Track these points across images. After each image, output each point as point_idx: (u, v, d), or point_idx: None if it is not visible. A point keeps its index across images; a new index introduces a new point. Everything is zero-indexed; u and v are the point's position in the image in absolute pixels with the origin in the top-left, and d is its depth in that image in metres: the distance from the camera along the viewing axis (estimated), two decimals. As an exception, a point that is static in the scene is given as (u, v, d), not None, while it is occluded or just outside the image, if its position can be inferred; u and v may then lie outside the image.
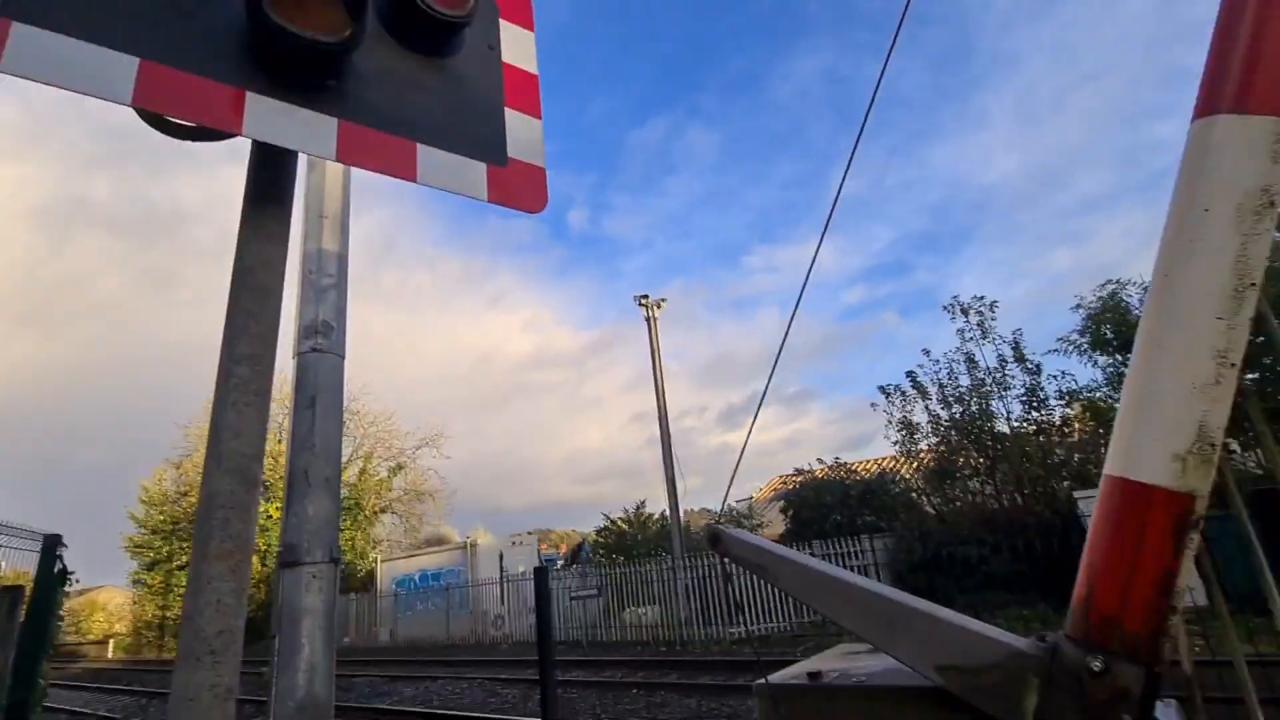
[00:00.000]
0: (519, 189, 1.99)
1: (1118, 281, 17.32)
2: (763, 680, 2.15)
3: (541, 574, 5.06)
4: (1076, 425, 18.65)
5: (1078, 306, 17.86)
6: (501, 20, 2.21)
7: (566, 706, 10.43)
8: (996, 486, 18.34)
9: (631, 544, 24.14)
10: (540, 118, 2.18)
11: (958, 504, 18.83)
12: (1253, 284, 1.40)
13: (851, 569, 17.56)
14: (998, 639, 1.53)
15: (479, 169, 1.90)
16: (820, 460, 23.00)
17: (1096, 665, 1.34)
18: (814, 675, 2.13)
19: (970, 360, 19.63)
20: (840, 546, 18.17)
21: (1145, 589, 1.34)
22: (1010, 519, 16.67)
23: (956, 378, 19.80)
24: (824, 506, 20.28)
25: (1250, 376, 14.15)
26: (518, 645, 21.43)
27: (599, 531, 26.64)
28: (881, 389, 20.74)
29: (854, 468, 23.17)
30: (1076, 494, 15.84)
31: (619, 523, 25.45)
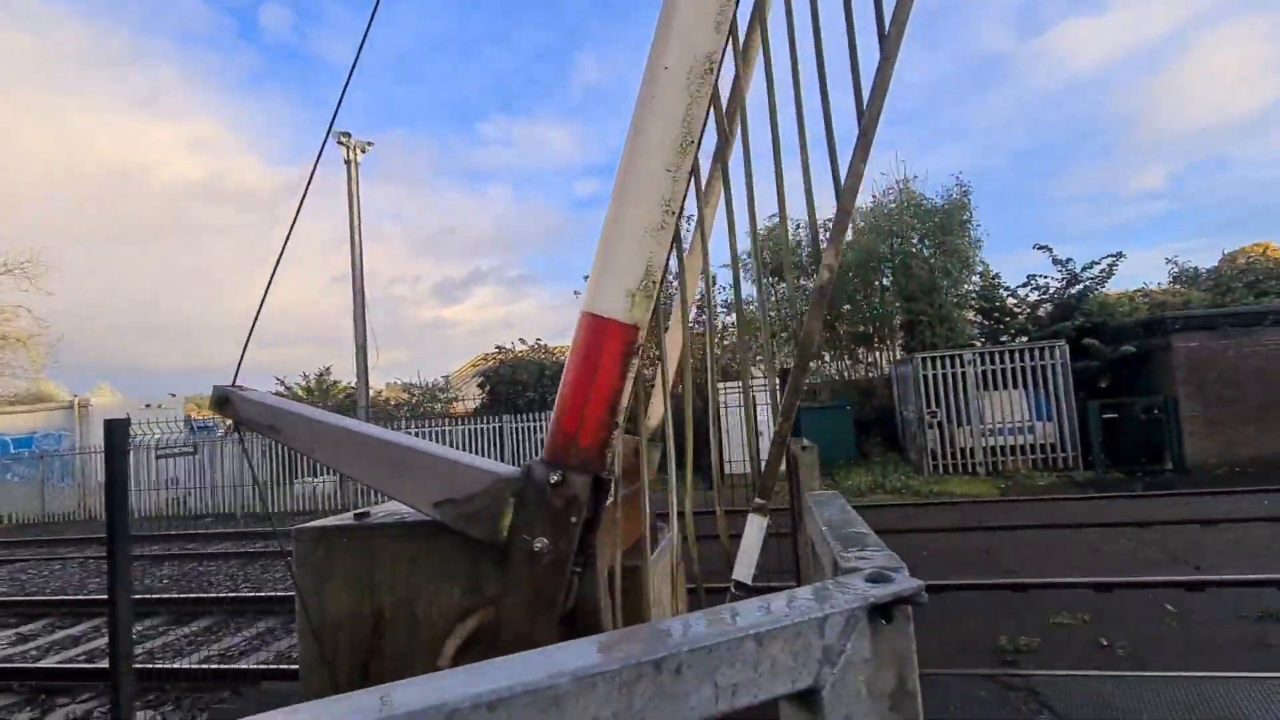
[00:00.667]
0: None
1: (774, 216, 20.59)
2: (305, 525, 2.01)
3: (117, 426, 4.11)
4: (735, 332, 22.41)
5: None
6: None
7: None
8: (665, 377, 21.15)
9: (310, 412, 22.14)
10: None
11: (634, 389, 21.27)
12: (693, 141, 1.62)
13: (537, 441, 18.89)
14: (484, 469, 1.61)
15: None
16: (523, 340, 23.70)
17: (555, 478, 1.49)
18: (361, 515, 2.05)
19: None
20: (530, 420, 19.31)
21: (598, 409, 1.52)
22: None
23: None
24: (519, 384, 21.11)
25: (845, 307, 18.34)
26: (151, 520, 18.51)
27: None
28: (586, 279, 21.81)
29: (554, 351, 24.43)
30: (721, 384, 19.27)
31: (298, 389, 23.03)
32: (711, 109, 1.69)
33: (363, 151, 19.07)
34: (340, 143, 18.79)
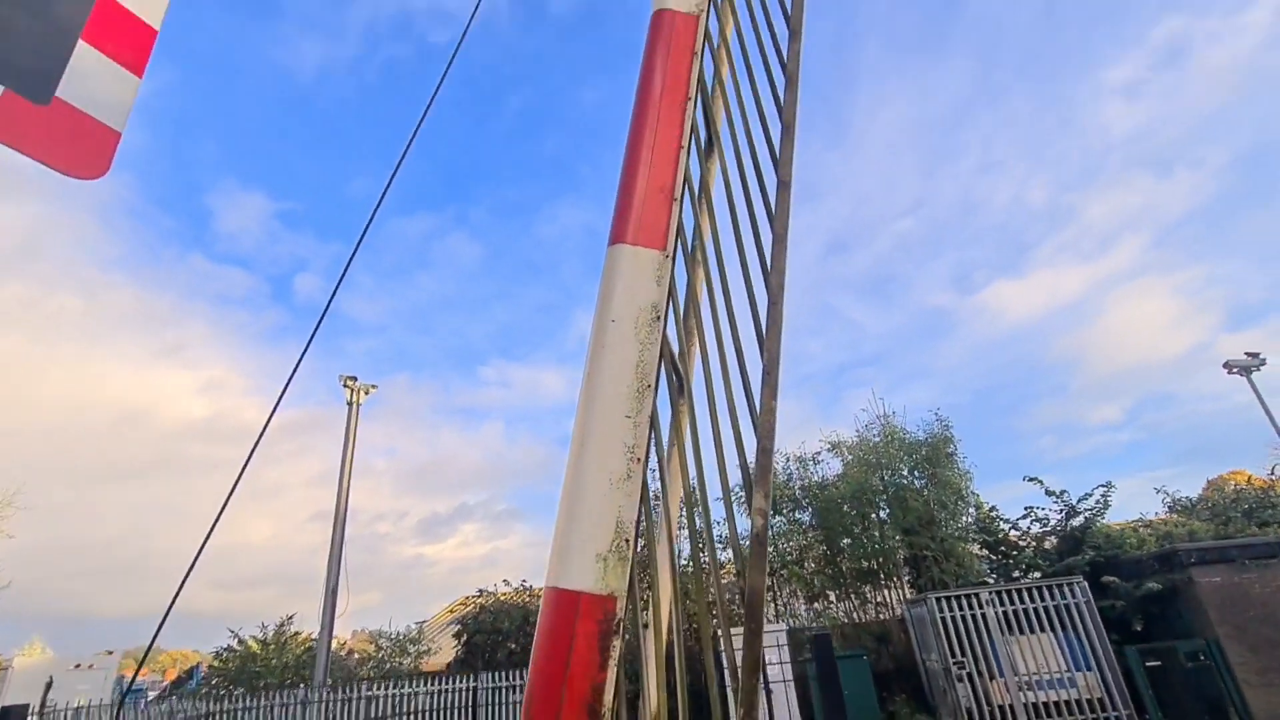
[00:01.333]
0: (58, 139, 1.44)
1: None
2: None
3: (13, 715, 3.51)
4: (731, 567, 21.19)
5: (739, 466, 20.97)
6: None
7: None
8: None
9: (262, 670, 19.57)
10: (141, 76, 1.70)
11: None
12: (649, 385, 1.66)
13: (514, 704, 16.46)
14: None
15: None
16: (507, 582, 22.10)
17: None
18: None
19: (657, 498, 21.33)
20: (510, 679, 17.11)
21: (574, 703, 1.27)
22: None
23: (643, 515, 21.20)
24: (499, 633, 19.17)
25: (845, 542, 17.74)
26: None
27: (219, 653, 21.16)
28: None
29: (538, 593, 22.70)
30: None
31: (251, 642, 20.61)
32: (662, 358, 1.77)
33: (366, 394, 19.81)
34: (346, 385, 19.60)
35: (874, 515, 17.90)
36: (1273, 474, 18.86)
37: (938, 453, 17.67)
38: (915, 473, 17.77)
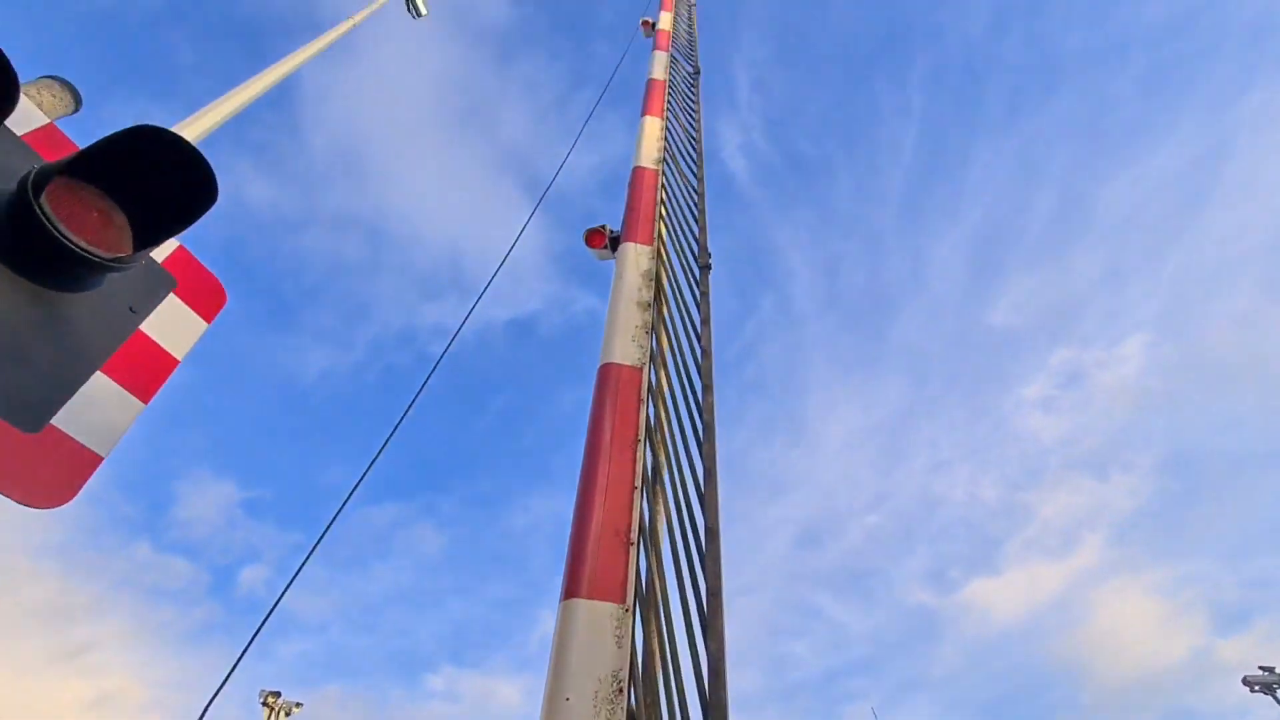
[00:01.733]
0: (30, 468, 1.39)
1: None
2: None
3: None
4: None
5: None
6: (173, 295, 1.94)
7: None
8: None
9: None
10: (147, 403, 1.79)
11: None
12: None
13: None
14: None
15: None
16: None
17: None
18: None
19: None
20: None
21: None
22: None
23: None
24: None
25: None
26: None
27: None
28: None
29: None
30: None
31: None
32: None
33: (287, 715, 16.93)
34: (265, 704, 16.84)
35: None
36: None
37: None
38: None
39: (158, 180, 1.64)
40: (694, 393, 2.32)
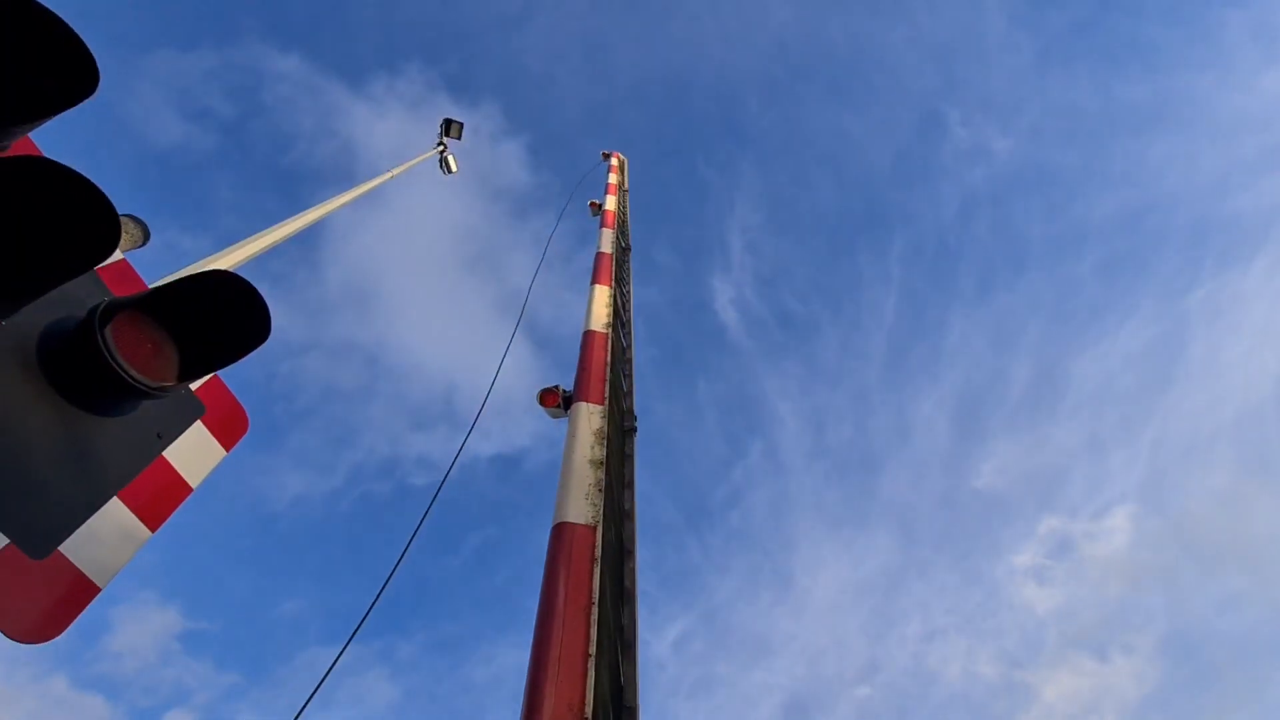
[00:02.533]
0: (29, 597, 1.37)
1: None
2: None
3: None
4: None
5: None
6: (200, 423, 1.96)
7: None
8: None
9: None
10: (155, 531, 1.74)
11: None
12: None
13: None
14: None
15: None
16: None
17: None
18: None
19: None
20: None
21: None
22: None
23: None
24: None
25: None
26: None
27: None
28: None
29: None
30: None
31: None
32: None
33: None
34: None
35: None
36: None
37: None
38: None
39: (215, 318, 1.74)
40: (619, 555, 2.31)
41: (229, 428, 2.13)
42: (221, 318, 1.76)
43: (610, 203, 8.26)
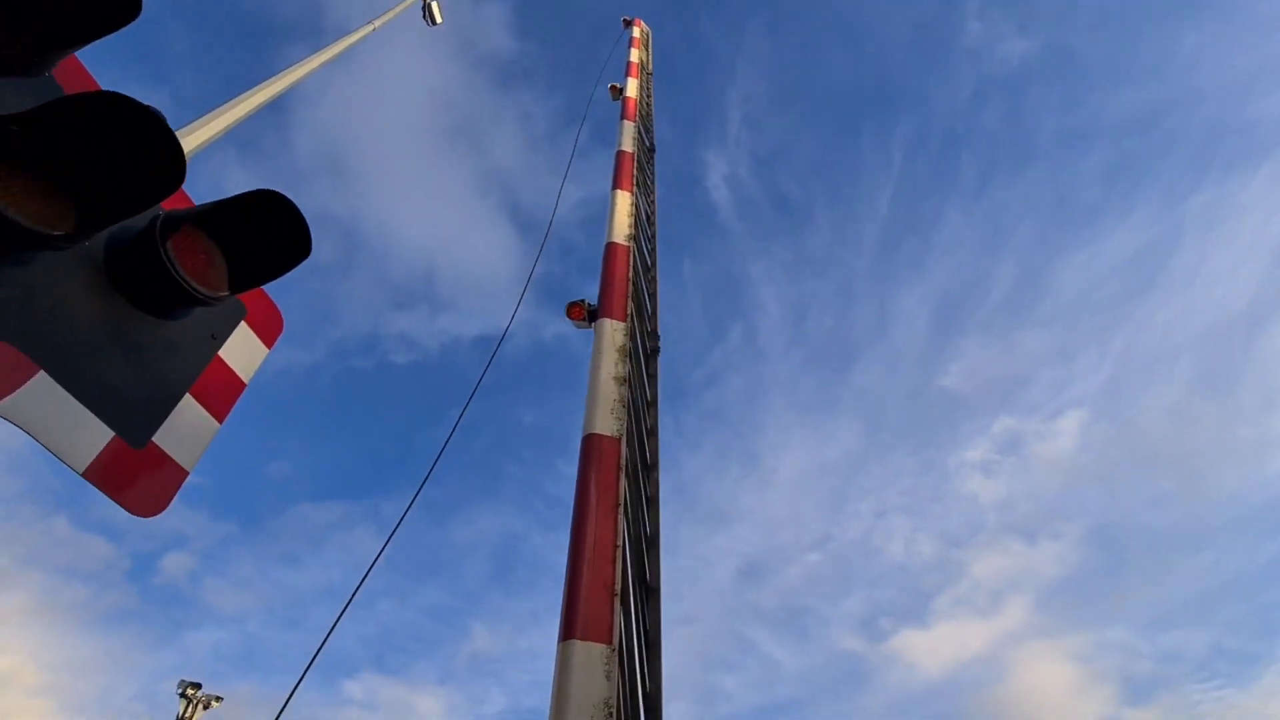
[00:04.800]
0: (137, 480, 1.63)
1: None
2: None
3: None
4: None
5: None
6: (244, 323, 2.16)
7: None
8: None
9: None
10: (221, 423, 2.00)
11: None
12: None
13: None
14: None
15: (99, 435, 1.56)
16: None
17: None
18: None
19: None
20: None
21: None
22: None
23: None
24: None
25: None
26: None
27: None
28: None
29: None
30: None
31: None
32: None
33: (206, 708, 16.33)
34: (184, 695, 16.23)
35: None
36: None
37: None
38: None
39: (262, 235, 1.89)
40: (644, 467, 2.61)
41: (268, 327, 2.30)
42: (268, 235, 1.89)
43: (631, 87, 6.92)
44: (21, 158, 1.34)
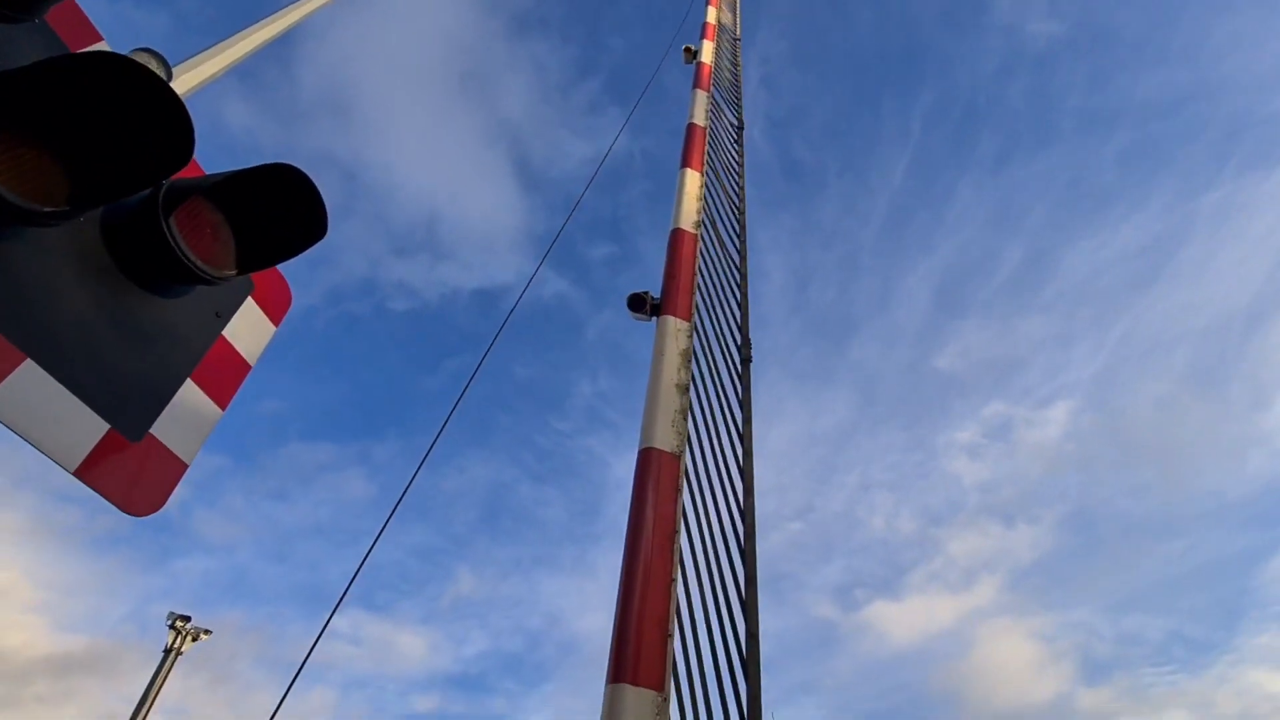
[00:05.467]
0: (133, 476, 1.50)
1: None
2: None
3: None
4: None
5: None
6: (250, 299, 2.00)
7: None
8: None
9: None
10: (225, 409, 1.86)
11: None
12: None
13: None
14: None
15: (92, 428, 1.42)
16: None
17: None
18: None
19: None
20: None
21: None
22: None
23: None
24: None
25: None
26: None
27: None
28: None
29: None
30: None
31: None
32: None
33: (195, 640, 16.58)
34: (173, 627, 16.45)
35: None
36: None
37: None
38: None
39: (274, 212, 1.73)
40: (734, 492, 2.41)
41: (275, 302, 2.14)
42: (280, 212, 1.73)
43: (706, 51, 6.01)
44: (12, 124, 1.18)
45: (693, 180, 3.90)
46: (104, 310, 1.54)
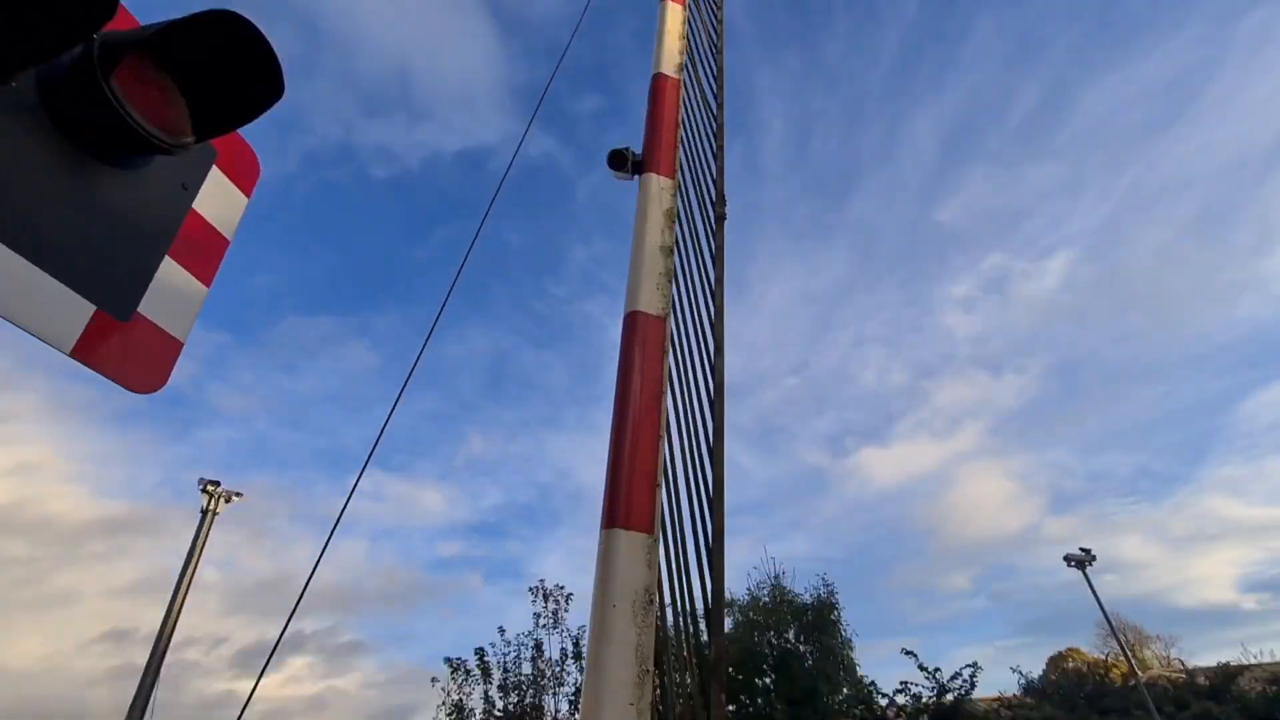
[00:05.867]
0: (130, 355, 1.52)
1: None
2: None
3: None
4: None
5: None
6: (215, 168, 1.91)
7: None
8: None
9: None
10: (209, 286, 1.83)
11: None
12: (647, 670, 1.75)
13: None
14: None
15: (79, 310, 1.42)
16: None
17: None
18: None
19: (537, 647, 20.01)
20: None
21: None
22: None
23: (521, 664, 19.73)
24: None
25: None
26: None
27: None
28: (448, 661, 19.42)
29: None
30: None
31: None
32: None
33: (227, 501, 17.84)
34: (205, 491, 17.61)
35: (759, 682, 17.57)
36: (1106, 657, 21.79)
37: (823, 618, 18.02)
38: (801, 638, 17.89)
39: (223, 68, 1.59)
40: (707, 352, 2.47)
41: (243, 172, 2.03)
42: (229, 68, 1.59)
43: None
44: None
45: (674, 14, 3.51)
46: (63, 185, 1.47)
